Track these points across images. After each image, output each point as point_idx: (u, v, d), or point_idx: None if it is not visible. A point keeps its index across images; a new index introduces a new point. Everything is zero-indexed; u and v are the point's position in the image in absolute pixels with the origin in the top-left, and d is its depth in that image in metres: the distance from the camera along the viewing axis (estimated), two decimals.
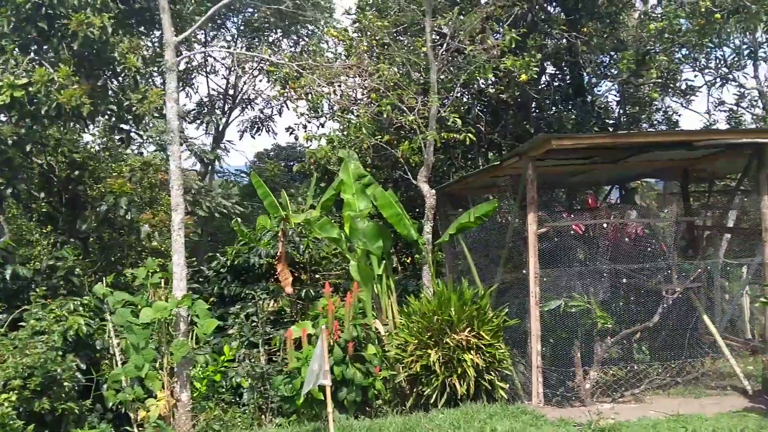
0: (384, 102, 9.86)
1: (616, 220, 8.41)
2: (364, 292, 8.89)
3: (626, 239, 8.85)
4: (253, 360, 8.83)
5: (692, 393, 7.84)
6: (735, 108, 14.45)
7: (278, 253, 9.76)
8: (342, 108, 11.72)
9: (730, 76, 14.14)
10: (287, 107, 17.57)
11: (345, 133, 11.82)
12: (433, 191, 9.54)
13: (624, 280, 8.14)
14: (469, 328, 7.39)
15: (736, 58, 13.86)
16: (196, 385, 8.79)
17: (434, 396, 7.32)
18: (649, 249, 8.34)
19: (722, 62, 14.11)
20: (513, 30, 10.31)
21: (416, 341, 7.55)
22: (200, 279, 10.76)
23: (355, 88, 11.73)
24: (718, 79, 14.31)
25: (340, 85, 11.32)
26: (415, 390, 7.68)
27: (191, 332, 9.05)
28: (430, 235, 9.38)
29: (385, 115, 10.05)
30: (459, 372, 7.21)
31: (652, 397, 7.95)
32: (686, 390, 7.96)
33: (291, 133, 12.91)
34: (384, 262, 9.23)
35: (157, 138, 15.68)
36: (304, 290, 10.13)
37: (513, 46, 10.17)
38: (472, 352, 7.26)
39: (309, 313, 9.24)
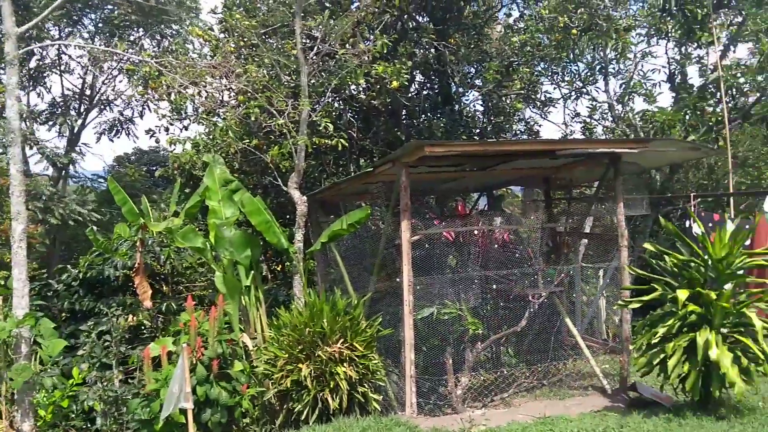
0: (252, 104, 9.44)
1: (486, 227, 8.53)
2: (230, 305, 8.42)
3: (495, 246, 9.02)
4: (105, 382, 8.09)
5: (557, 395, 8.06)
6: (588, 120, 15.34)
7: (136, 264, 9.06)
8: (207, 110, 11.15)
9: (584, 90, 15.00)
10: (149, 109, 16.66)
11: (211, 136, 11.27)
12: (305, 198, 9.24)
13: (494, 286, 8.27)
14: (342, 340, 7.15)
15: (589, 73, 14.70)
16: (41, 413, 7.93)
17: (305, 412, 6.99)
18: (516, 255, 8.54)
19: (577, 76, 14.95)
20: (384, 36, 10.27)
21: (287, 355, 7.20)
22: (49, 293, 9.78)
23: (222, 89, 11.22)
24: (573, 92, 15.16)
25: (205, 86, 10.75)
26: (285, 406, 7.31)
27: (35, 354, 8.19)
28: (301, 243, 9.06)
29: (253, 118, 9.64)
30: (332, 386, 6.93)
31: (520, 400, 8.11)
32: (551, 392, 8.19)
33: (152, 136, 12.13)
34: (252, 272, 8.79)
35: (2, 138, 14.24)
36: (165, 304, 9.49)
37: (384, 51, 10.12)
38: (345, 364, 7.01)
39: (170, 328, 8.63)
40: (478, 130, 13.57)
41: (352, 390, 6.99)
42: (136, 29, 17.74)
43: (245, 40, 10.81)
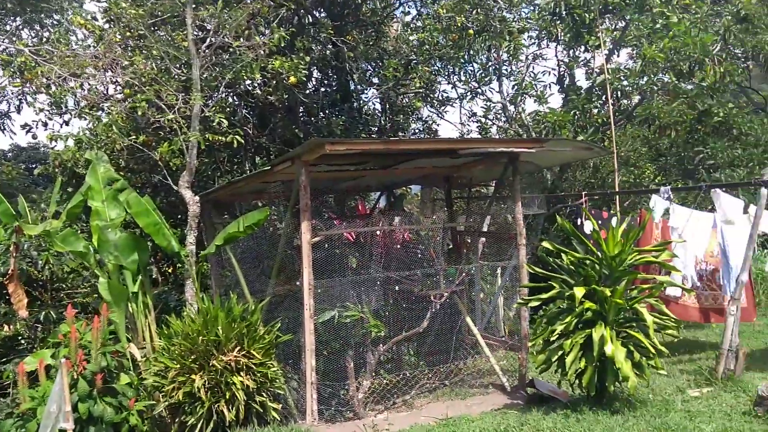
0: (139, 98, 8.83)
1: (388, 227, 8.40)
2: (116, 313, 7.83)
3: (396, 246, 8.92)
4: None
5: (459, 394, 8.07)
6: (483, 119, 15.62)
7: (9, 271, 8.27)
8: (91, 104, 10.37)
9: (479, 90, 15.25)
10: (26, 103, 15.40)
11: (95, 132, 10.51)
12: (197, 198, 8.75)
13: (396, 287, 8.15)
14: (238, 348, 6.78)
15: (484, 74, 14.95)
16: None
17: (199, 425, 6.58)
18: (418, 255, 8.47)
19: (473, 77, 15.17)
20: (281, 29, 9.92)
21: (178, 366, 6.75)
22: None
23: (107, 82, 10.48)
24: (469, 92, 15.37)
25: (88, 78, 9.99)
26: (177, 420, 6.86)
27: None
28: (193, 246, 8.56)
29: (140, 113, 9.02)
30: (227, 396, 6.56)
31: (422, 401, 8.05)
32: (453, 392, 8.19)
33: (28, 132, 11.14)
34: (140, 277, 8.22)
35: None
36: (44, 312, 8.73)
37: (282, 45, 9.78)
38: (242, 373, 6.66)
39: (49, 340, 7.91)
40: (377, 129, 13.47)
41: (249, 400, 6.65)
42: (13, 19, 16.40)
43: (132, 30, 10.13)
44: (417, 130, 14.67)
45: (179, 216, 11.11)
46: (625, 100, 14.14)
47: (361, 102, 13.75)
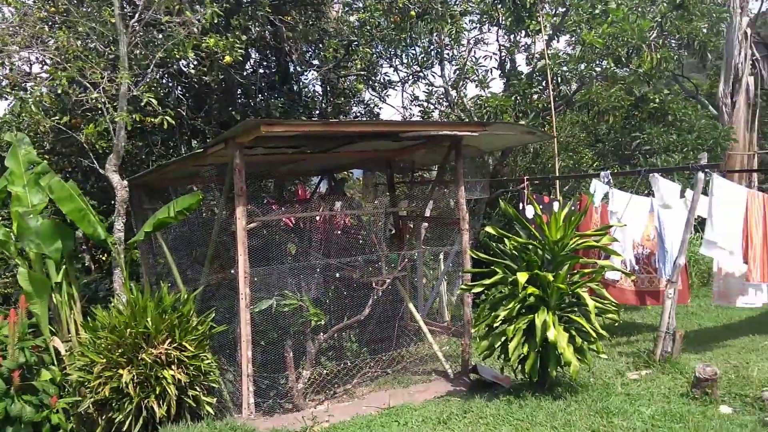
0: (60, 75, 8.26)
1: (329, 212, 8.15)
2: (38, 305, 7.33)
3: (337, 232, 8.68)
4: None
5: (401, 382, 7.93)
6: (426, 103, 15.46)
7: None
8: (13, 83, 9.69)
9: (421, 74, 15.07)
10: None
11: (17, 113, 9.85)
12: (125, 182, 8.27)
13: (336, 274, 7.93)
14: (169, 340, 6.43)
15: (425, 58, 14.77)
16: None
17: (128, 422, 6.21)
18: (361, 241, 8.25)
19: (414, 60, 14.97)
20: (215, 5, 9.46)
21: (105, 360, 6.35)
22: None
23: (30, 60, 9.81)
24: (411, 76, 15.18)
25: (8, 56, 9.32)
26: (104, 417, 6.48)
27: None
28: (122, 233, 8.09)
29: (60, 91, 8.46)
30: (158, 391, 6.21)
31: (364, 390, 7.88)
32: (396, 380, 8.04)
33: None
34: (64, 266, 7.73)
35: None
36: None
37: (215, 21, 9.32)
38: (173, 366, 6.32)
39: None
40: (318, 111, 13.13)
41: (181, 394, 6.33)
42: None
43: (57, 5, 9.48)
44: (359, 114, 14.40)
45: (112, 202, 10.56)
46: (565, 86, 14.22)
47: (301, 84, 13.39)
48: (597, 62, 12.90)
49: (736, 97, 19.20)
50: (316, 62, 13.04)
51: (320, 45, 12.52)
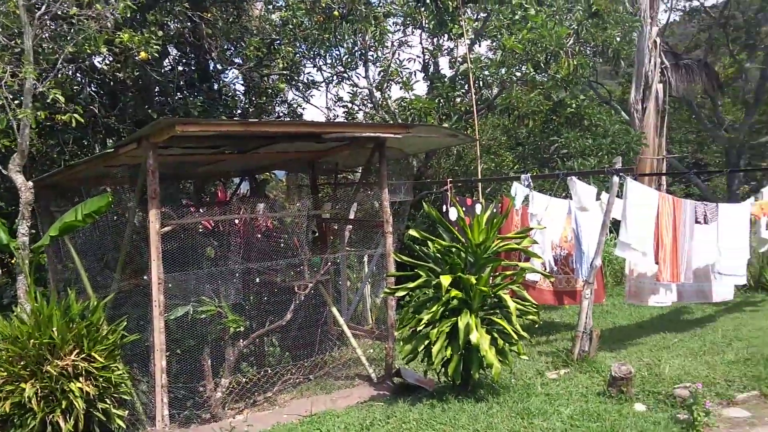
0: None
1: (250, 215, 7.91)
2: None
3: (258, 235, 8.45)
4: None
5: (324, 388, 7.78)
6: (350, 105, 15.36)
7: None
8: None
9: (346, 75, 14.97)
10: None
11: None
12: (30, 184, 7.77)
13: (257, 279, 7.70)
14: (77, 351, 6.06)
15: (350, 59, 14.68)
16: None
17: None
18: (281, 244, 8.06)
19: (339, 61, 14.85)
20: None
21: (6, 374, 5.92)
22: None
23: None
24: (335, 77, 15.06)
25: None
26: None
27: None
28: (27, 237, 7.58)
29: None
30: (64, 405, 5.84)
31: (286, 397, 7.70)
32: (318, 386, 7.89)
33: None
34: None
35: None
36: None
37: (129, 15, 8.91)
38: (81, 379, 5.95)
39: None
40: (239, 111, 12.81)
41: (90, 408, 5.97)
42: None
43: None
44: (282, 114, 14.14)
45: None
46: (487, 90, 14.44)
47: (222, 83, 13.03)
48: (517, 67, 13.15)
49: (646, 103, 20.05)
50: (237, 60, 12.72)
51: (242, 43, 12.22)
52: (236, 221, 7.89)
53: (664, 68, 20.53)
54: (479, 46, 14.56)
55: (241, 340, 7.48)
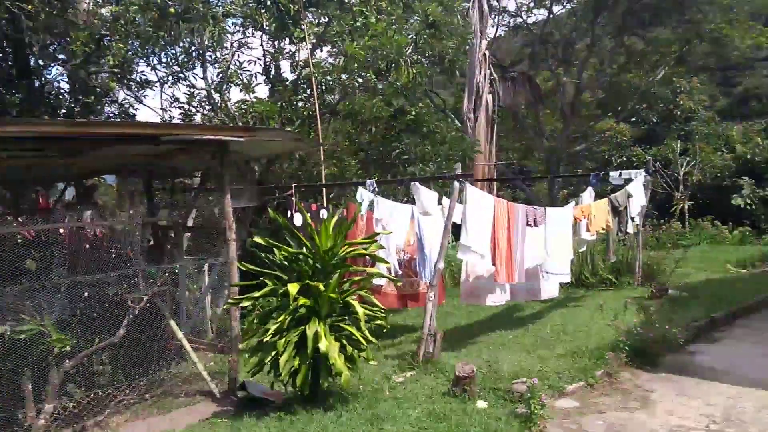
0: None
1: (76, 223, 7.23)
2: None
3: (86, 245, 7.76)
4: None
5: (163, 408, 7.27)
6: (187, 106, 14.68)
7: None
8: None
9: (182, 75, 14.27)
10: None
11: None
12: None
13: (86, 293, 7.05)
14: None
15: (186, 58, 14.02)
16: None
17: None
18: (113, 255, 7.45)
19: (174, 60, 14.12)
20: None
21: None
22: None
23: None
24: (171, 77, 14.30)
25: None
26: None
27: None
28: None
29: None
30: None
31: (119, 419, 7.08)
32: (155, 406, 7.37)
33: None
34: None
35: None
36: None
37: None
38: None
39: None
40: (64, 111, 11.78)
41: None
42: None
43: None
44: (112, 114, 13.20)
45: None
46: (329, 95, 14.45)
47: (44, 80, 11.91)
48: (359, 73, 13.28)
49: (478, 112, 21.24)
50: (62, 57, 11.69)
51: (67, 38, 11.23)
52: (61, 230, 7.18)
53: (493, 80, 21.86)
54: (321, 51, 14.56)
55: (68, 360, 6.80)
